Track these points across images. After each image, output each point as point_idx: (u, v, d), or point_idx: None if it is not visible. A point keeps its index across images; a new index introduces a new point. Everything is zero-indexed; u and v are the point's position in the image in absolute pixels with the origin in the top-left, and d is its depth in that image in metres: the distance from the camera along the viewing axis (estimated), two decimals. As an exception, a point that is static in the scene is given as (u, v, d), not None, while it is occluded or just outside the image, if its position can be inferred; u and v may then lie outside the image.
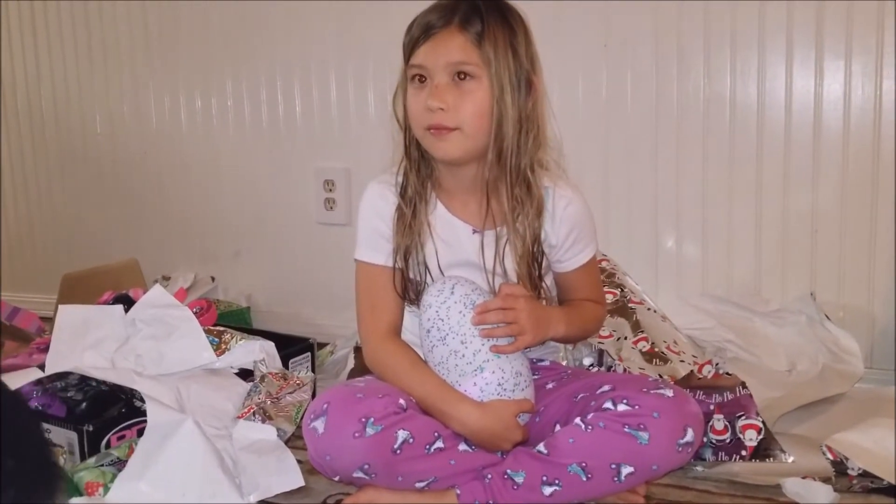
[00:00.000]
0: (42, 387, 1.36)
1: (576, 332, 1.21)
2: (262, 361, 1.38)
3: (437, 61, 1.08)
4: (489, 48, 1.07)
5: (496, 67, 1.07)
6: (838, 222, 1.61)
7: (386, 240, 1.17)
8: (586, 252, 1.21)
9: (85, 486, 1.11)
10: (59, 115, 2.39)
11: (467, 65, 1.07)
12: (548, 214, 1.16)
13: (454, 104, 1.08)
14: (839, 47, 1.56)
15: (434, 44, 1.08)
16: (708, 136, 1.68)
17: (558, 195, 1.16)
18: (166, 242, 2.27)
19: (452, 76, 1.08)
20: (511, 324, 1.10)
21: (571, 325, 1.18)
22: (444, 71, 1.08)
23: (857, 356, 1.54)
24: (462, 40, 1.07)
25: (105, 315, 1.42)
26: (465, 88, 1.08)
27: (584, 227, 1.19)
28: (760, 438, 1.20)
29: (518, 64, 1.09)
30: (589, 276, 1.24)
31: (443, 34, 1.08)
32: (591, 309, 1.23)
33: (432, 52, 1.08)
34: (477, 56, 1.07)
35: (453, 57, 1.07)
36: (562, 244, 1.18)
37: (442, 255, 1.16)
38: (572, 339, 1.26)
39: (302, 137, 2.06)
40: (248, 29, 2.07)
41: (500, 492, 1.08)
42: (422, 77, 1.10)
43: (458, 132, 1.09)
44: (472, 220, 1.17)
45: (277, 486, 1.15)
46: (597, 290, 1.27)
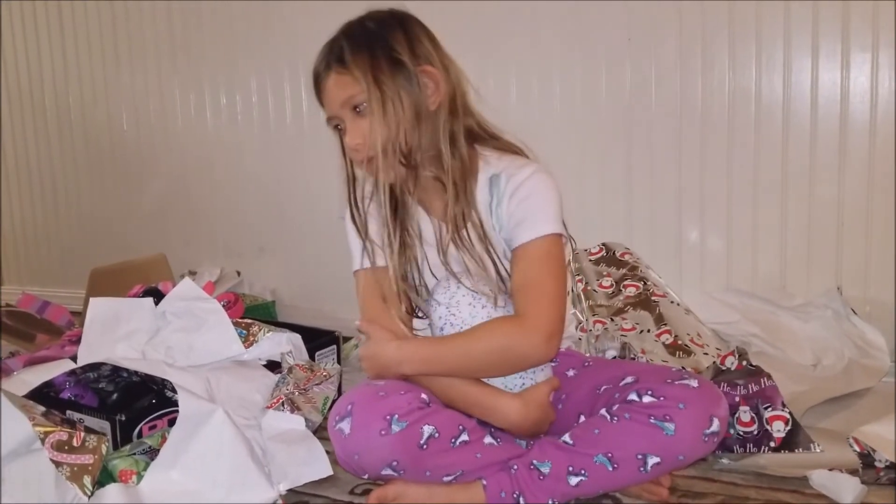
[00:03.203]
0: (75, 377, 1.38)
1: (446, 367, 1.11)
2: (290, 353, 1.40)
3: (334, 106, 1.13)
4: (359, 74, 1.10)
5: (372, 87, 1.10)
6: (865, 216, 1.60)
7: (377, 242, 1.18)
8: (531, 228, 1.11)
9: (119, 473, 1.13)
10: (86, 112, 2.42)
11: (353, 98, 1.11)
12: (502, 195, 1.14)
13: (363, 135, 1.11)
14: (866, 40, 1.55)
15: (326, 93, 1.13)
16: (733, 129, 1.67)
17: (507, 174, 1.15)
18: (192, 238, 2.29)
19: (352, 111, 1.12)
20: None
21: (427, 360, 1.10)
22: (343, 111, 1.12)
23: (883, 351, 1.54)
24: (338, 79, 1.11)
25: (135, 308, 1.44)
26: (364, 117, 1.11)
27: (530, 198, 1.12)
28: (788, 429, 1.20)
29: (396, 68, 1.10)
30: (533, 266, 1.10)
31: (326, 81, 1.12)
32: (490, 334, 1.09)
33: (328, 101, 1.14)
34: (355, 86, 1.10)
35: (340, 97, 1.11)
36: (510, 219, 1.13)
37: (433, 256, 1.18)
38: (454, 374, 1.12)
39: (325, 133, 2.04)
40: (271, 26, 2.09)
41: (527, 483, 1.09)
42: (336, 124, 1.15)
43: (374, 158, 1.12)
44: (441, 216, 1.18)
45: (306, 475, 1.16)
46: (535, 291, 1.09)
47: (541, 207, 1.12)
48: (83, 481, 1.08)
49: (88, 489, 1.08)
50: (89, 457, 1.09)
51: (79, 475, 1.08)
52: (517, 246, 1.12)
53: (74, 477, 1.07)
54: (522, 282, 1.10)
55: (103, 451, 1.12)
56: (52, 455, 1.07)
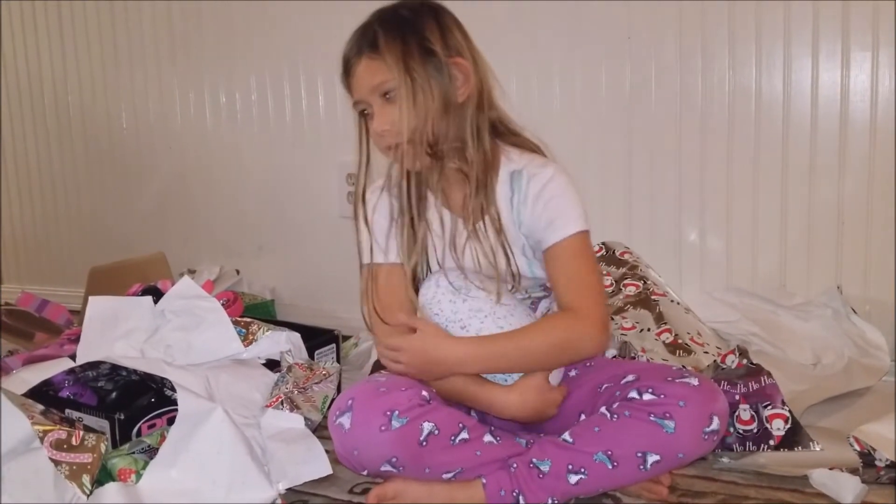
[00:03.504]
0: (74, 376, 1.38)
1: (507, 364, 1.12)
2: (289, 352, 1.40)
3: (363, 91, 1.13)
4: (391, 61, 1.10)
5: (402, 74, 1.10)
6: (865, 215, 1.60)
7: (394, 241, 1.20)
8: (561, 228, 1.13)
9: (118, 472, 1.13)
10: (85, 111, 2.42)
11: (383, 84, 1.11)
12: (523, 195, 1.16)
13: (391, 121, 1.12)
14: (866, 39, 1.55)
15: (355, 77, 1.14)
16: (733, 128, 1.67)
17: (528, 174, 1.16)
18: (190, 236, 2.29)
19: (381, 97, 1.12)
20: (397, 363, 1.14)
21: (484, 359, 1.11)
22: (372, 96, 1.12)
23: (883, 350, 1.53)
24: (370, 64, 1.12)
25: (134, 306, 1.44)
26: (394, 104, 1.12)
27: (558, 201, 1.14)
28: (788, 427, 1.20)
29: (427, 58, 1.11)
30: (571, 263, 1.14)
31: (357, 66, 1.13)
32: (544, 329, 1.13)
33: (357, 86, 1.14)
34: (386, 72, 1.11)
35: (370, 82, 1.12)
36: (537, 219, 1.15)
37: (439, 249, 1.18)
38: (516, 370, 1.14)
39: (325, 132, 2.07)
40: (271, 25, 2.09)
41: (526, 481, 1.09)
42: (363, 109, 1.15)
43: (400, 146, 1.12)
44: (459, 211, 1.18)
45: (306, 474, 1.16)
46: (580, 285, 1.13)
47: (568, 207, 1.15)
48: (82, 480, 1.07)
49: (87, 488, 1.07)
50: (88, 455, 1.09)
51: (78, 474, 1.07)
52: (551, 245, 1.14)
53: (73, 476, 1.07)
54: (565, 279, 1.14)
55: (102, 449, 1.11)
56: (51, 454, 1.07)
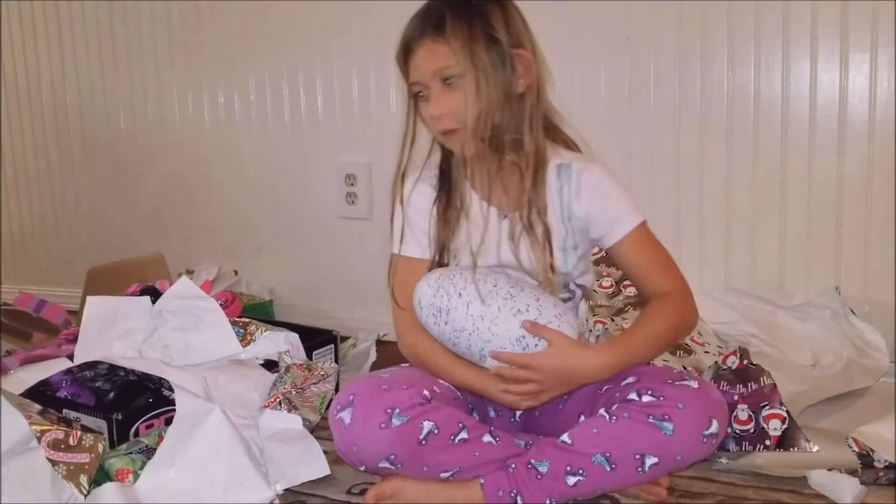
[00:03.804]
0: (72, 376, 1.38)
1: (638, 360, 1.14)
2: (287, 352, 1.40)
3: (423, 74, 1.12)
4: (457, 46, 1.10)
5: (468, 61, 1.10)
6: (863, 216, 1.60)
7: (423, 233, 1.20)
8: (626, 222, 1.17)
9: (115, 472, 1.13)
10: (83, 111, 2.42)
11: (446, 69, 1.11)
12: (573, 189, 1.16)
13: (450, 106, 1.11)
14: (864, 40, 1.55)
15: (416, 59, 1.12)
16: (731, 129, 1.67)
17: (578, 168, 1.17)
18: (189, 237, 2.29)
19: (441, 82, 1.12)
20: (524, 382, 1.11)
21: (621, 363, 1.12)
22: (432, 80, 1.12)
23: (882, 351, 1.53)
24: (434, 47, 1.11)
25: (133, 306, 1.44)
26: (454, 89, 1.11)
27: (611, 196, 1.17)
28: (785, 428, 1.20)
29: (492, 46, 1.10)
30: (643, 252, 1.18)
31: (419, 48, 1.11)
32: (657, 318, 1.15)
33: (416, 68, 1.13)
34: (451, 57, 1.10)
35: (432, 66, 1.11)
36: (590, 215, 1.16)
37: (477, 239, 1.17)
38: (638, 364, 1.15)
39: (324, 132, 2.07)
40: (269, 25, 2.09)
41: (524, 482, 1.09)
42: (420, 91, 1.14)
43: (462, 130, 1.13)
44: (499, 204, 1.18)
45: (304, 474, 1.16)
46: (661, 269, 1.18)
47: (624, 201, 1.18)
48: (79, 480, 1.07)
49: (85, 488, 1.07)
50: (86, 455, 1.09)
51: (75, 474, 1.07)
52: (620, 240, 1.17)
53: (71, 476, 1.07)
54: (646, 268, 1.18)
55: (100, 449, 1.11)
56: (49, 454, 1.07)
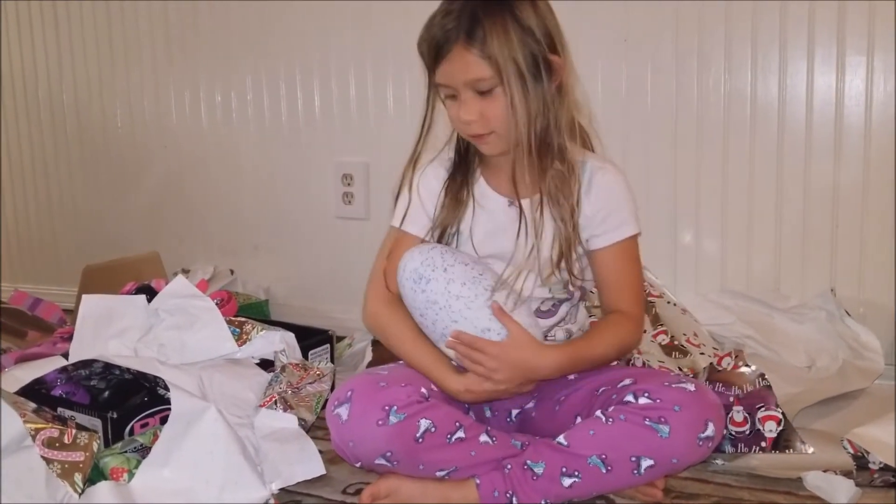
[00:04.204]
0: (66, 374, 1.37)
1: (585, 366, 1.17)
2: (283, 352, 1.40)
3: (457, 82, 1.11)
4: (496, 58, 1.08)
5: (505, 75, 1.08)
6: (859, 218, 1.60)
7: (426, 215, 1.21)
8: (621, 229, 1.17)
9: (110, 471, 1.12)
10: (80, 109, 2.41)
11: (482, 81, 1.09)
12: (584, 186, 1.17)
13: (482, 113, 1.11)
14: (861, 43, 1.55)
15: (449, 65, 1.10)
16: (728, 131, 1.67)
17: (593, 167, 1.18)
18: (185, 236, 2.29)
19: (473, 89, 1.11)
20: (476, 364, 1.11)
21: (572, 365, 1.14)
22: (465, 88, 1.11)
23: (877, 352, 1.53)
24: (470, 58, 1.08)
25: (128, 305, 1.43)
26: (488, 98, 1.11)
27: (619, 200, 1.18)
28: (780, 430, 1.20)
29: (528, 55, 1.09)
30: (623, 264, 1.18)
31: (453, 55, 1.09)
32: (610, 333, 1.17)
33: (449, 75, 1.11)
34: (487, 69, 1.08)
35: (467, 76, 1.10)
36: (595, 214, 1.17)
37: (481, 223, 1.19)
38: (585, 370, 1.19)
39: (321, 132, 2.07)
40: (267, 24, 2.08)
41: (520, 482, 1.09)
42: (448, 93, 1.13)
43: (494, 135, 1.13)
44: (508, 193, 1.19)
45: (299, 474, 1.16)
46: (628, 289, 1.19)
47: (629, 208, 1.19)
48: (74, 479, 1.07)
49: (79, 487, 1.07)
50: (80, 454, 1.09)
51: (69, 472, 1.07)
52: (610, 245, 1.17)
53: (65, 474, 1.07)
54: (620, 279, 1.19)
55: (94, 448, 1.11)
56: (43, 452, 1.07)
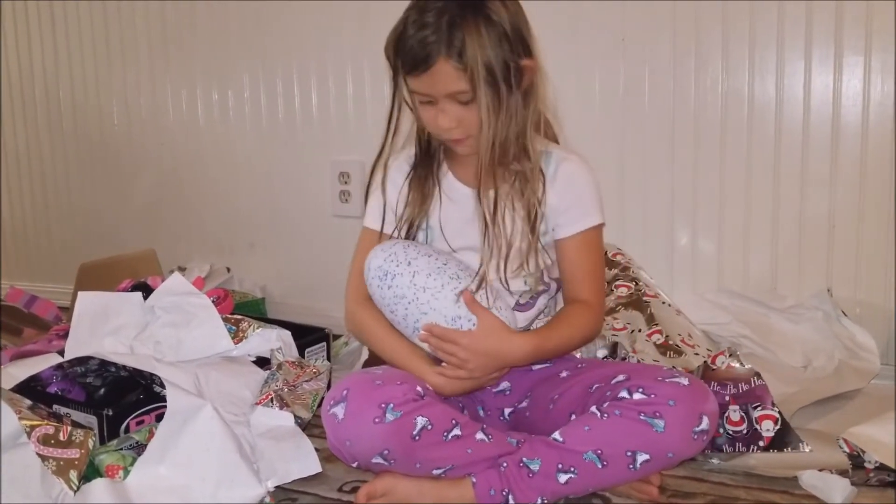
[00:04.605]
0: (62, 372, 1.37)
1: (550, 354, 1.19)
2: (279, 350, 1.39)
3: (434, 91, 1.11)
4: (474, 71, 1.08)
5: (482, 88, 1.08)
6: (855, 218, 1.60)
7: (391, 210, 1.23)
8: (585, 219, 1.18)
9: (105, 468, 1.12)
10: (76, 107, 2.41)
11: (460, 93, 1.10)
12: (549, 177, 1.18)
13: (460, 120, 1.12)
14: (858, 43, 1.56)
15: (430, 77, 1.09)
16: (725, 131, 1.68)
17: (558, 157, 1.19)
18: (182, 234, 2.28)
19: (452, 99, 1.11)
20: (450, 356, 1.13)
21: (540, 352, 1.16)
22: (445, 97, 1.11)
23: (873, 352, 1.54)
24: (449, 70, 1.08)
25: (124, 302, 1.43)
26: (464, 105, 1.11)
27: (583, 191, 1.19)
28: (778, 429, 1.20)
29: (504, 65, 1.09)
30: (587, 255, 1.19)
31: (435, 68, 1.08)
32: (573, 322, 1.19)
33: (429, 84, 1.10)
34: (466, 82, 1.09)
35: (447, 88, 1.10)
36: (559, 204, 1.17)
37: (451, 215, 1.20)
38: (548, 359, 1.22)
39: (318, 130, 2.07)
40: (265, 23, 2.08)
41: (516, 479, 1.09)
42: (423, 98, 1.13)
43: (471, 138, 1.14)
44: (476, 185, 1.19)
45: (295, 471, 1.16)
46: (589, 280, 1.20)
47: (592, 198, 1.19)
48: (69, 476, 1.07)
49: (75, 484, 1.07)
50: (76, 451, 1.09)
51: (65, 470, 1.07)
52: (573, 234, 1.18)
53: (61, 471, 1.06)
54: (582, 271, 1.19)
55: (90, 445, 1.11)
56: (39, 449, 1.06)
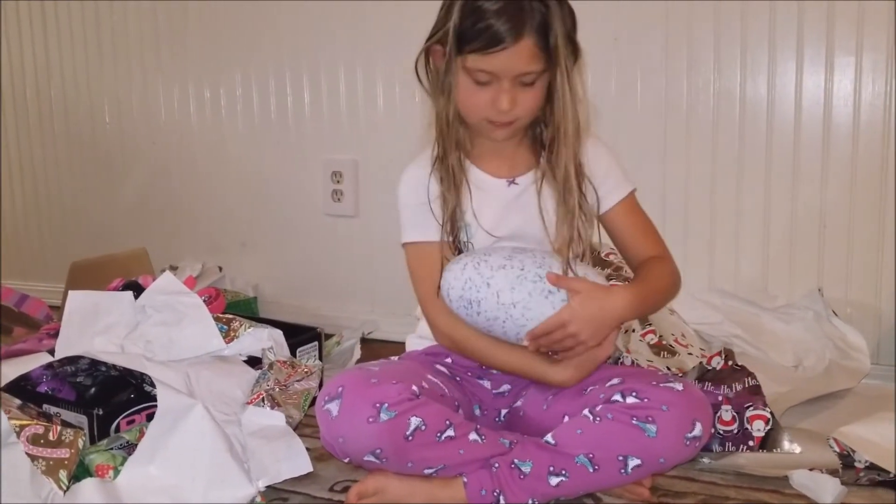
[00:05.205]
0: (52, 371, 1.36)
1: (650, 304, 1.21)
2: (271, 349, 1.39)
3: (509, 72, 1.09)
4: (556, 55, 1.09)
5: (560, 72, 1.10)
6: (846, 218, 1.61)
7: (432, 216, 1.19)
8: (620, 188, 1.23)
9: (95, 468, 1.12)
10: (67, 104, 2.39)
11: (532, 73, 1.10)
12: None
13: (518, 102, 1.11)
14: (850, 43, 1.56)
15: (507, 57, 1.07)
16: (717, 131, 1.68)
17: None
18: (174, 232, 2.27)
19: (517, 79, 1.10)
20: (569, 348, 1.12)
21: (641, 301, 1.15)
22: (513, 78, 1.10)
23: (864, 352, 1.54)
24: (532, 51, 1.07)
25: (115, 301, 1.42)
26: (528, 88, 1.11)
27: (610, 164, 1.23)
28: (768, 429, 1.20)
29: (573, 50, 1.11)
30: (636, 217, 1.25)
31: (514, 46, 1.07)
32: (658, 272, 1.20)
33: (503, 66, 1.08)
34: (542, 63, 1.09)
35: (522, 68, 1.09)
36: (592, 180, 1.20)
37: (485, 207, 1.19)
38: (649, 312, 1.26)
39: (310, 129, 2.07)
40: (257, 20, 2.08)
41: (507, 481, 1.09)
42: (485, 80, 1.11)
43: (518, 122, 1.15)
44: (505, 175, 1.20)
45: (286, 471, 1.16)
46: (651, 235, 1.25)
47: (620, 169, 1.24)
48: (59, 475, 1.06)
49: (64, 484, 1.06)
50: (65, 451, 1.08)
51: (54, 469, 1.06)
52: (616, 204, 1.23)
53: (50, 471, 1.06)
54: (641, 232, 1.24)
55: (80, 445, 1.10)
56: (28, 449, 1.06)
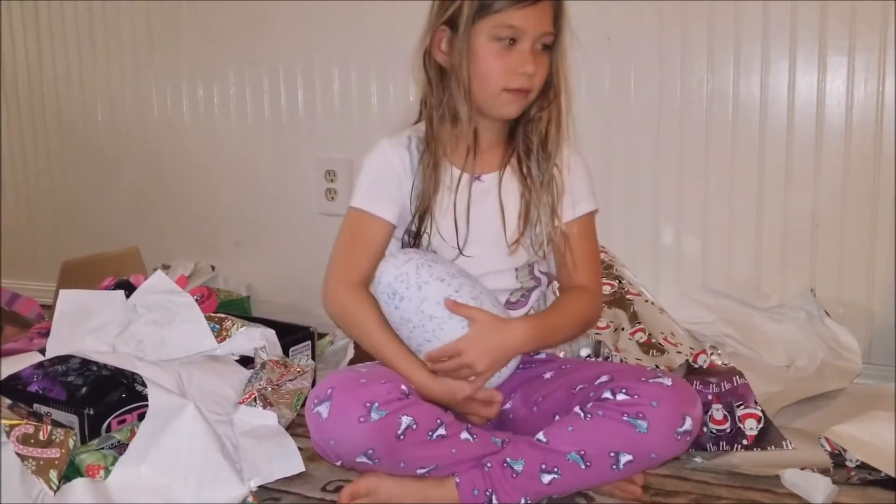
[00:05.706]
0: (43, 370, 1.36)
1: (553, 338, 1.19)
2: (263, 349, 1.39)
3: (535, 30, 1.10)
4: (563, 20, 1.12)
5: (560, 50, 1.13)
6: (839, 218, 1.61)
7: (391, 198, 1.18)
8: (581, 205, 1.21)
9: (86, 468, 1.11)
10: (60, 102, 2.38)
11: (549, 35, 1.12)
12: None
13: (539, 70, 1.13)
14: (842, 43, 1.56)
15: (537, 12, 1.09)
16: (710, 130, 1.68)
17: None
18: (166, 231, 2.27)
19: (542, 42, 1.12)
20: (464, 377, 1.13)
21: (542, 335, 1.15)
22: (536, 39, 1.11)
23: (856, 353, 1.55)
24: (551, 14, 1.11)
25: (106, 300, 1.42)
26: (544, 56, 1.13)
27: (578, 177, 1.21)
28: (761, 427, 1.21)
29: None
30: (585, 242, 1.21)
31: (540, 5, 1.10)
32: (574, 305, 1.19)
33: (533, 20, 1.10)
34: (553, 26, 1.12)
35: (546, 28, 1.11)
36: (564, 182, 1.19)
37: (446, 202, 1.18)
38: (553, 344, 1.22)
39: (304, 127, 2.06)
40: (251, 18, 2.07)
41: (500, 480, 1.09)
42: (511, 39, 1.11)
43: (531, 93, 1.14)
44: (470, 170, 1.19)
45: (278, 471, 1.16)
46: (591, 264, 1.22)
47: (588, 184, 1.22)
48: (49, 476, 1.06)
49: (55, 483, 1.06)
50: (56, 451, 1.08)
51: (45, 469, 1.06)
52: (572, 220, 1.20)
53: (40, 471, 1.05)
54: (581, 255, 1.20)
55: (70, 445, 1.10)
56: (18, 448, 1.05)
